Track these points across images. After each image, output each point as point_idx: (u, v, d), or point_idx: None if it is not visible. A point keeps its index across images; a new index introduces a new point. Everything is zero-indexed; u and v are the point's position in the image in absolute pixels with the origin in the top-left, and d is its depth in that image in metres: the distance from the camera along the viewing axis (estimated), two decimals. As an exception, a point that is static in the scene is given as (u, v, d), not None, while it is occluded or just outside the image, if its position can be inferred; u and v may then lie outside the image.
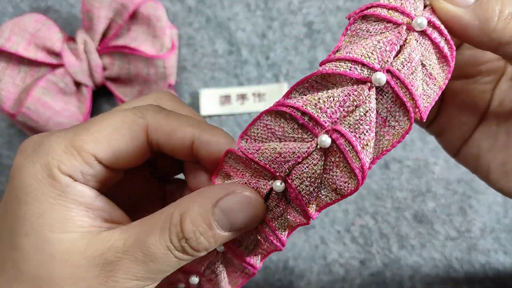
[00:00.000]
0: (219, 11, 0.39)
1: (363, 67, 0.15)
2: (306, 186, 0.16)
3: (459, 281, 0.37)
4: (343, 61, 0.15)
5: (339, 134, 0.15)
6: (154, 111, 0.19)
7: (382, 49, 0.15)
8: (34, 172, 0.18)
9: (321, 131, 0.16)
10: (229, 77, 0.39)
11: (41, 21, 0.36)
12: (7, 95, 0.35)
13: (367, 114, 0.15)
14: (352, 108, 0.15)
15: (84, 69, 0.36)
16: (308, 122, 0.16)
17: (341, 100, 0.15)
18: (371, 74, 0.15)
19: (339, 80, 0.16)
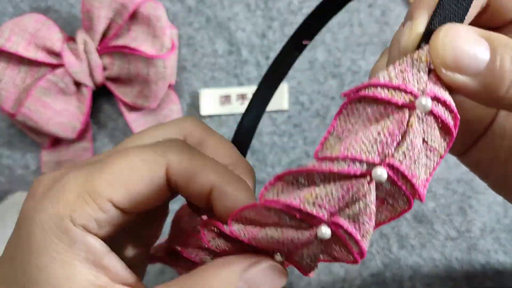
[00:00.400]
0: (219, 11, 0.39)
1: (363, 163, 0.15)
2: (306, 262, 0.16)
3: (459, 281, 0.37)
4: (341, 160, 0.15)
5: (338, 225, 0.15)
6: (177, 150, 0.17)
7: (383, 142, 0.14)
8: (41, 221, 0.16)
9: (320, 222, 0.15)
10: (229, 77, 0.39)
11: (41, 21, 0.36)
12: (7, 95, 0.35)
13: (367, 207, 0.15)
14: (351, 202, 0.15)
15: (84, 69, 0.36)
16: (306, 216, 0.15)
17: (339, 196, 0.15)
18: (371, 168, 0.14)
19: (337, 176, 0.15)
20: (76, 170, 0.17)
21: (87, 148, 0.38)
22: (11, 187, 0.38)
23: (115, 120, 0.39)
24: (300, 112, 0.39)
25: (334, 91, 0.39)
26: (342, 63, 0.39)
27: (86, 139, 0.38)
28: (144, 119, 0.38)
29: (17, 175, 0.38)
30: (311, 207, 0.15)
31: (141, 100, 0.37)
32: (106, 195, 0.16)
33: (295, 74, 0.39)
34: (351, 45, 0.39)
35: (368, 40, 0.39)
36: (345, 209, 0.15)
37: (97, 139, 0.39)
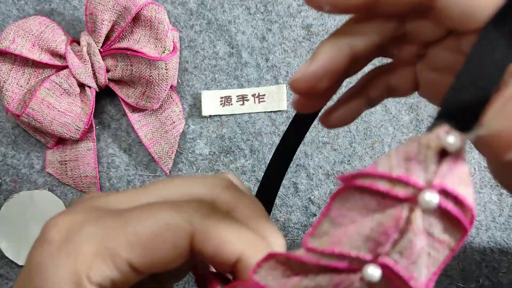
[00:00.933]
0: (220, 14, 0.39)
1: (353, 260, 0.13)
2: None
3: (455, 278, 0.37)
4: (327, 256, 0.13)
5: None
6: (203, 216, 0.16)
7: (376, 240, 0.13)
8: (59, 280, 0.15)
9: None
10: (229, 79, 0.39)
11: (45, 23, 0.36)
12: (12, 96, 0.35)
13: None
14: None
15: (87, 70, 0.36)
16: None
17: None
18: (362, 264, 0.13)
19: (326, 269, 0.14)
20: (96, 220, 0.16)
21: (90, 148, 0.38)
22: (16, 186, 0.39)
23: (118, 120, 0.39)
24: (299, 113, 0.39)
25: (332, 92, 0.39)
26: (340, 64, 0.39)
27: (89, 139, 0.38)
28: (147, 119, 0.38)
29: (22, 175, 0.39)
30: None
31: (144, 101, 0.37)
32: (125, 256, 0.16)
33: (294, 75, 0.39)
34: (349, 47, 0.39)
35: (366, 42, 0.39)
36: None
37: (101, 139, 0.39)
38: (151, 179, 0.39)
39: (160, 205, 0.17)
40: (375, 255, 0.13)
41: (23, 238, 0.38)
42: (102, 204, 0.18)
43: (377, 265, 0.13)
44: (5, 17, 0.39)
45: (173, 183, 0.18)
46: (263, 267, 0.15)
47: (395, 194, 0.13)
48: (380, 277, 0.13)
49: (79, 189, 0.38)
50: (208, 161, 0.39)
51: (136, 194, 0.18)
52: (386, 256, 0.13)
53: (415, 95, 0.39)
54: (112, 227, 0.16)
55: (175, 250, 0.16)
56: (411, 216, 0.13)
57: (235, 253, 0.16)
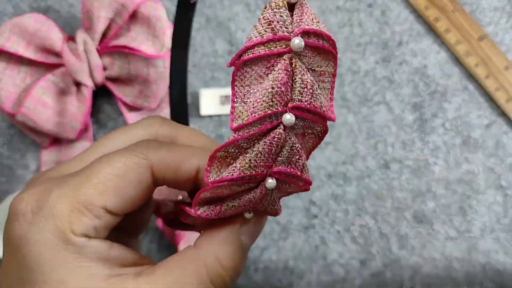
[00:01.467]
0: (219, 11, 0.39)
1: (271, 116, 0.16)
2: (270, 208, 0.19)
3: (459, 281, 0.37)
4: (252, 124, 0.16)
5: (279, 173, 0.17)
6: (154, 148, 0.19)
7: (279, 92, 0.16)
8: (44, 240, 0.17)
9: (264, 177, 0.17)
10: (229, 77, 0.39)
11: (41, 21, 0.36)
12: (7, 95, 0.35)
13: (293, 147, 0.17)
14: (278, 150, 0.16)
15: (84, 69, 0.36)
16: (250, 179, 0.17)
17: (267, 151, 0.16)
18: (280, 117, 0.16)
19: (256, 137, 0.17)
20: (59, 184, 0.18)
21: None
22: (11, 187, 0.38)
23: (115, 120, 0.39)
24: (300, 112, 0.39)
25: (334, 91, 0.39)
26: (342, 63, 0.39)
27: (86, 139, 0.38)
28: (144, 119, 0.38)
29: (17, 175, 0.38)
30: (250, 170, 0.16)
31: (141, 100, 0.37)
32: (99, 203, 0.17)
33: (295, 74, 0.39)
34: (351, 45, 0.39)
35: (368, 40, 0.39)
36: (277, 158, 0.17)
37: (97, 139, 0.39)
38: (149, 179, 0.38)
39: (113, 153, 0.18)
40: (285, 104, 0.16)
41: (18, 240, 0.37)
42: (56, 173, 0.19)
43: (290, 111, 0.16)
44: (0, 15, 0.39)
45: (113, 135, 0.20)
46: (212, 169, 0.17)
47: (273, 53, 0.16)
48: (295, 118, 0.16)
49: (75, 190, 0.38)
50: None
51: (84, 156, 0.19)
52: (291, 102, 0.16)
53: (419, 94, 0.38)
54: (77, 184, 0.17)
55: (141, 185, 0.18)
56: (293, 61, 0.16)
57: (192, 167, 0.19)
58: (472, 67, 0.38)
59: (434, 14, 0.39)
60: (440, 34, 0.39)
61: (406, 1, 0.39)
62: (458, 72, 0.39)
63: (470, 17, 0.39)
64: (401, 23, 0.39)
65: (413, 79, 0.39)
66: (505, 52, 0.39)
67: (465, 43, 0.38)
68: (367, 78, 0.39)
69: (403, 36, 0.39)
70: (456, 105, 0.39)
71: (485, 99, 0.39)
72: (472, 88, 0.39)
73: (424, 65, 0.39)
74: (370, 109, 0.38)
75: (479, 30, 0.38)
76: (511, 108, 0.38)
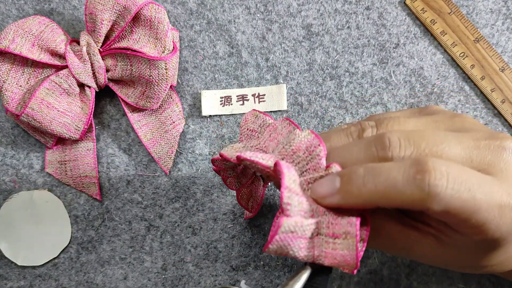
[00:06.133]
0: (220, 14, 0.40)
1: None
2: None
3: (455, 279, 0.37)
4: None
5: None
6: None
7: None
8: None
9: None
10: (229, 79, 0.39)
11: (44, 23, 0.36)
12: (11, 96, 0.35)
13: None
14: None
15: (87, 70, 0.36)
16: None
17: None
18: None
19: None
20: None
21: (90, 148, 0.38)
22: (16, 186, 0.39)
23: (117, 120, 0.39)
24: (299, 113, 0.39)
25: (332, 92, 0.39)
26: (340, 64, 0.39)
27: (89, 139, 0.38)
28: (146, 119, 0.38)
29: (21, 175, 0.39)
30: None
31: (144, 101, 0.37)
32: None
33: (294, 75, 0.39)
34: (349, 47, 0.39)
35: (366, 42, 0.39)
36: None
37: (100, 139, 0.39)
38: (151, 179, 0.39)
39: None
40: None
41: (22, 238, 0.38)
42: None
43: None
44: (4, 17, 0.39)
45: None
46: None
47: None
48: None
49: (78, 189, 0.38)
50: (208, 161, 0.39)
51: None
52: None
53: (416, 95, 0.39)
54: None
55: None
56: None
57: None
58: (468, 69, 0.39)
59: (431, 17, 0.39)
60: (436, 36, 0.39)
61: (403, 3, 0.40)
62: (454, 73, 0.39)
63: (467, 19, 0.39)
64: (398, 25, 0.39)
65: (410, 80, 0.39)
66: (501, 53, 0.39)
67: (461, 44, 0.39)
68: (365, 79, 0.39)
69: (400, 38, 0.39)
70: (453, 106, 0.39)
71: (481, 100, 0.39)
72: (468, 89, 0.39)
73: (421, 67, 0.39)
74: (367, 110, 0.39)
75: (475, 32, 0.39)
76: (506, 108, 0.38)
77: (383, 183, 0.20)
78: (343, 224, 0.21)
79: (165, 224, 0.38)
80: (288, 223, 0.20)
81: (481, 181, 0.20)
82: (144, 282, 0.38)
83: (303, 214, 0.21)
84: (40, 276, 0.38)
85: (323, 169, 0.22)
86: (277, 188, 0.28)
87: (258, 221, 0.38)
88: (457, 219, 0.21)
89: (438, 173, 0.20)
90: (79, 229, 0.38)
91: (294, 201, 0.21)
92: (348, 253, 0.20)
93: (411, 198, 0.20)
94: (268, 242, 0.21)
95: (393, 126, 0.24)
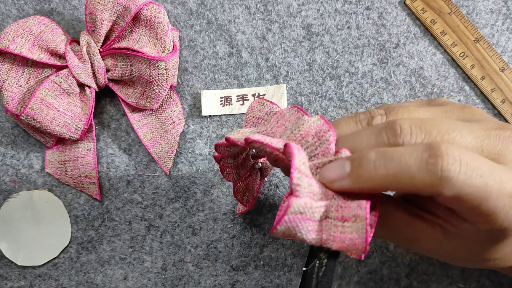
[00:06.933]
0: (220, 14, 0.40)
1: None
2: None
3: (455, 278, 0.37)
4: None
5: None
6: None
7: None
8: None
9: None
10: (229, 79, 0.39)
11: (44, 23, 0.36)
12: (11, 96, 0.35)
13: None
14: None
15: (87, 70, 0.36)
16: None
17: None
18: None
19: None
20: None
21: (90, 148, 0.38)
22: (16, 186, 0.39)
23: (117, 120, 0.39)
24: (299, 113, 0.39)
25: (332, 92, 0.39)
26: (340, 64, 0.39)
27: (89, 139, 0.38)
28: (146, 119, 0.38)
29: (22, 175, 0.39)
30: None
31: (144, 101, 0.37)
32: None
33: (294, 75, 0.39)
34: (349, 47, 0.39)
35: (366, 42, 0.39)
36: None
37: (100, 139, 0.39)
38: (151, 179, 0.39)
39: None
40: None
41: (22, 238, 0.38)
42: None
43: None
44: (4, 17, 0.39)
45: None
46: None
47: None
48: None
49: (78, 189, 0.38)
50: (208, 161, 0.39)
51: None
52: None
53: (416, 95, 0.39)
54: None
55: None
56: None
57: None
58: (468, 69, 0.39)
59: (431, 17, 0.39)
60: (436, 36, 0.39)
61: (403, 3, 0.40)
62: (454, 73, 0.39)
63: (467, 19, 0.39)
64: (398, 25, 0.39)
65: (410, 80, 0.39)
66: (501, 53, 0.39)
67: (461, 44, 0.39)
68: (365, 79, 0.39)
69: (400, 38, 0.39)
70: (452, 106, 0.39)
71: (481, 100, 0.39)
72: (468, 89, 0.39)
73: (421, 67, 0.39)
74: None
75: (475, 32, 0.39)
76: (506, 108, 0.38)
77: (395, 167, 0.20)
78: (353, 207, 0.20)
79: (165, 224, 0.38)
80: (297, 203, 0.20)
81: (493, 169, 0.20)
82: (144, 282, 0.38)
83: (312, 196, 0.21)
84: (40, 276, 0.38)
85: (332, 155, 0.22)
86: (285, 174, 0.27)
87: (258, 221, 0.38)
88: (467, 206, 0.20)
89: (451, 158, 0.20)
90: (79, 229, 0.38)
91: (304, 182, 0.21)
92: (357, 236, 0.20)
93: (423, 183, 0.20)
94: (276, 223, 0.21)
95: (403, 114, 0.24)
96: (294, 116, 0.24)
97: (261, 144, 0.23)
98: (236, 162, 0.31)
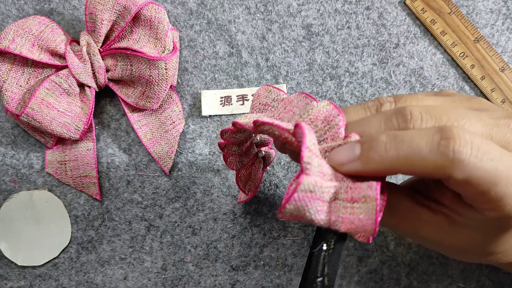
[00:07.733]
0: (220, 14, 0.40)
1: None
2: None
3: (455, 278, 0.37)
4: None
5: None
6: None
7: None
8: None
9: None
10: (229, 79, 0.39)
11: (44, 23, 0.36)
12: (11, 96, 0.35)
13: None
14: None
15: (87, 70, 0.36)
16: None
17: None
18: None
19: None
20: None
21: (90, 148, 0.38)
22: (16, 186, 0.39)
23: (117, 120, 0.39)
24: (299, 113, 0.39)
25: (332, 92, 0.39)
26: (340, 64, 0.39)
27: (89, 139, 0.38)
28: (146, 119, 0.38)
29: (22, 175, 0.39)
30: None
31: (144, 101, 0.37)
32: None
33: (294, 75, 0.39)
34: (349, 47, 0.39)
35: (366, 42, 0.39)
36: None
37: (100, 139, 0.39)
38: (151, 179, 0.39)
39: None
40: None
41: (22, 238, 0.38)
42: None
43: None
44: (4, 17, 0.39)
45: None
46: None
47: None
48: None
49: (78, 189, 0.38)
50: (208, 161, 0.39)
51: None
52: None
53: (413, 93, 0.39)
54: None
55: None
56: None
57: None
58: (468, 69, 0.39)
59: (431, 17, 0.39)
60: (436, 36, 0.39)
61: (403, 3, 0.40)
62: (454, 73, 0.39)
63: (467, 19, 0.39)
64: (398, 25, 0.40)
65: (410, 80, 0.39)
66: (501, 53, 0.39)
67: (461, 44, 0.39)
68: (365, 79, 0.39)
69: (400, 38, 0.39)
70: (452, 106, 0.39)
71: (481, 100, 0.39)
72: (468, 89, 0.39)
73: (421, 67, 0.39)
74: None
75: (475, 32, 0.39)
76: (506, 108, 0.38)
77: (406, 150, 0.20)
78: (363, 188, 0.20)
79: (165, 224, 0.38)
80: (308, 181, 0.20)
81: (503, 155, 0.20)
82: (144, 282, 0.38)
83: (322, 176, 0.21)
84: (40, 276, 0.38)
85: (342, 139, 0.22)
86: (292, 159, 0.27)
87: (258, 221, 0.38)
88: (477, 190, 0.20)
89: (462, 140, 0.20)
90: (79, 229, 0.38)
91: (314, 161, 0.20)
92: (366, 217, 0.20)
93: (434, 165, 0.20)
94: (284, 201, 0.20)
95: (412, 102, 0.24)
96: (302, 102, 0.24)
97: (271, 126, 0.22)
98: (240, 150, 0.30)
